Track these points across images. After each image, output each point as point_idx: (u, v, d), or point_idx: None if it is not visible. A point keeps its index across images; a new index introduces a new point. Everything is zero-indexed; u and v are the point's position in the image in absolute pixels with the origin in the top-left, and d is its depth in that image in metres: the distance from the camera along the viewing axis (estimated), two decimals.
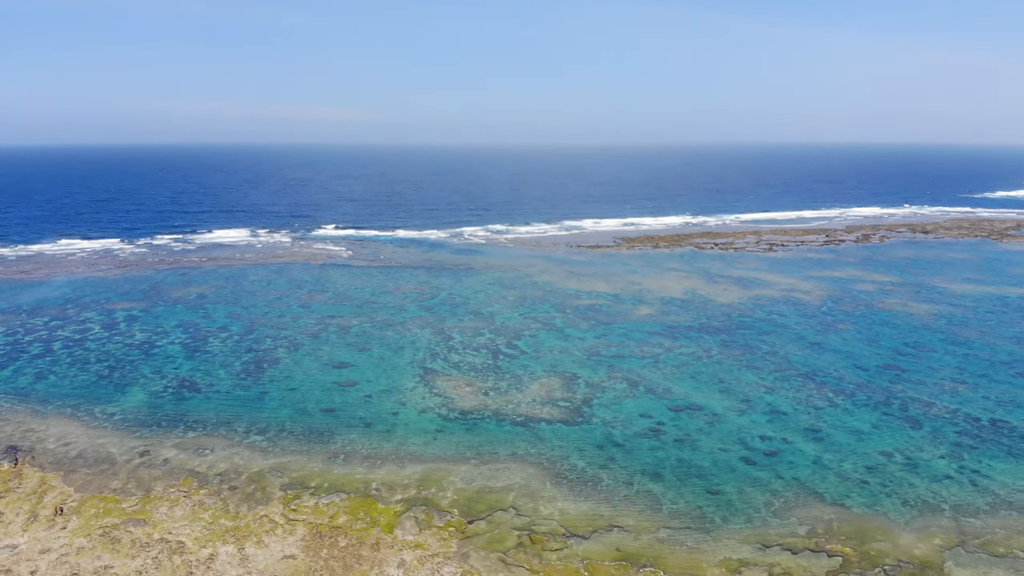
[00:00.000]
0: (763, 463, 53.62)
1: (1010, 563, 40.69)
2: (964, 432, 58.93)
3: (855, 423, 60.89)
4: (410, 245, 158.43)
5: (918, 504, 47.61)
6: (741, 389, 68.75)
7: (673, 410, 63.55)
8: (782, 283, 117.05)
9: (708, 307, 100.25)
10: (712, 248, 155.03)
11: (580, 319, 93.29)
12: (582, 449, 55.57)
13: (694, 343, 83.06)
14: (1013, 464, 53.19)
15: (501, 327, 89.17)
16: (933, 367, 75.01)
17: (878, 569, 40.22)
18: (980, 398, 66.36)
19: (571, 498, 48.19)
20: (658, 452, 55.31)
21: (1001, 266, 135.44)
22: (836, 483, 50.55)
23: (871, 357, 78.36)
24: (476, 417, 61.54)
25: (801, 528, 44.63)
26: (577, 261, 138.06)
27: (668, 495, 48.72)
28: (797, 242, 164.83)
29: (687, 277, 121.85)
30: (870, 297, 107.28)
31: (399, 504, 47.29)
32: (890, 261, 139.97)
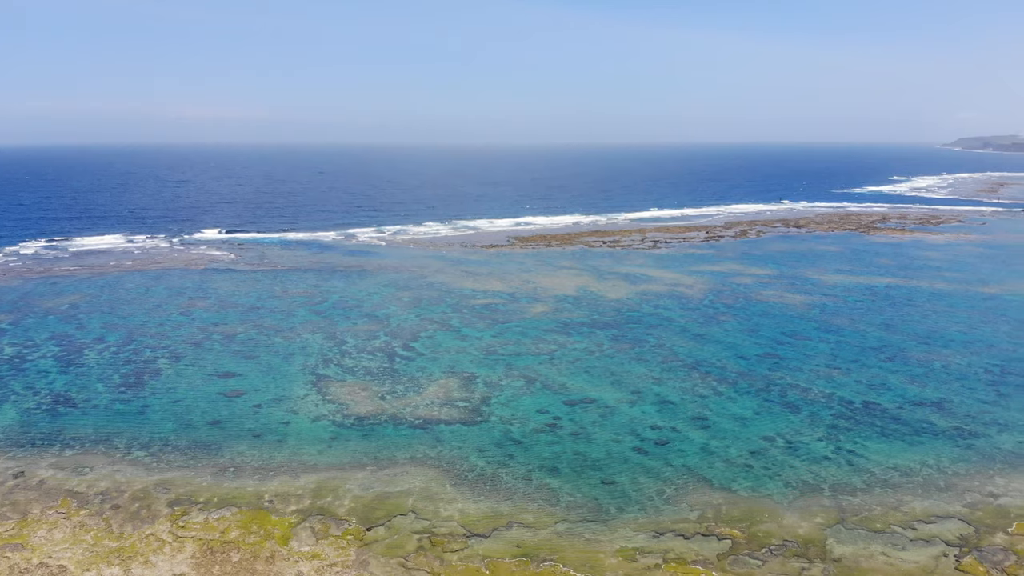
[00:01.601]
0: (654, 452, 55.65)
1: (887, 538, 43.87)
2: (839, 415, 63.07)
3: (738, 410, 64.08)
4: (298, 247, 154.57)
5: (799, 485, 50.62)
6: (632, 381, 71.03)
7: (568, 404, 64.97)
8: (667, 278, 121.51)
9: (599, 303, 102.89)
10: (601, 246, 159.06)
11: (476, 318, 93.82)
12: (481, 448, 56.01)
13: (587, 338, 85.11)
14: (885, 444, 57.34)
15: (396, 329, 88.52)
16: (809, 354, 79.82)
17: (765, 549, 42.54)
18: (853, 382, 71.14)
19: (471, 498, 48.51)
20: (555, 447, 56.45)
21: (868, 257, 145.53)
22: (723, 468, 53.08)
23: (751, 347, 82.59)
24: (372, 422, 60.89)
25: (692, 514, 46.63)
26: (472, 261, 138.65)
27: (566, 488, 49.83)
28: (680, 239, 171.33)
29: (579, 275, 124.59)
30: (748, 290, 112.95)
31: (294, 515, 46.27)
32: (766, 255, 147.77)
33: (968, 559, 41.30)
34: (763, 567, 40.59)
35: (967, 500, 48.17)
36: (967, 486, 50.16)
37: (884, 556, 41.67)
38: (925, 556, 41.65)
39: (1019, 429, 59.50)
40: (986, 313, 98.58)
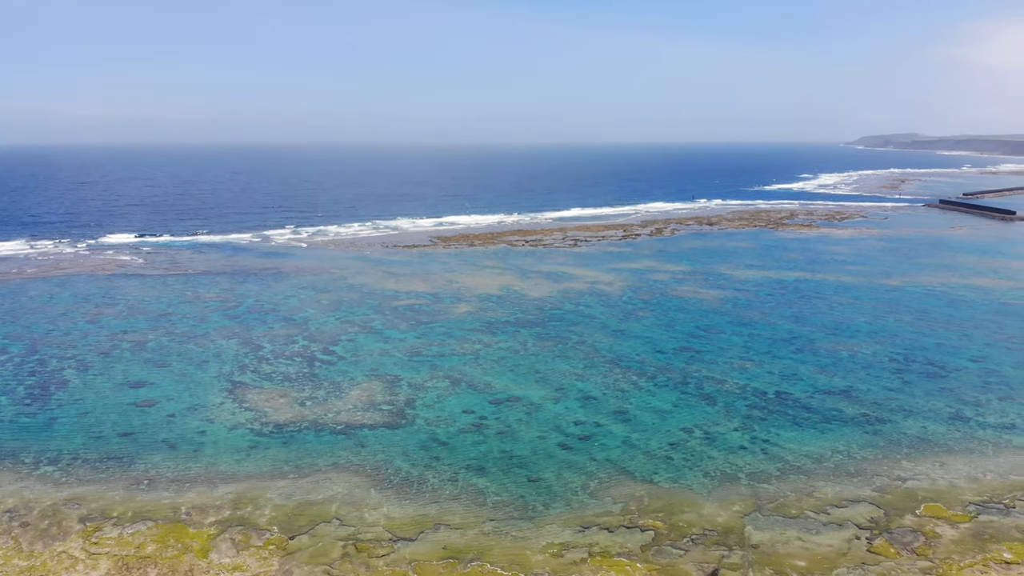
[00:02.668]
0: (578, 447, 56.29)
1: (802, 523, 45.54)
2: (753, 405, 65.19)
3: (658, 403, 65.48)
4: (210, 250, 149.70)
5: (717, 475, 52.06)
6: (555, 378, 71.67)
7: (494, 403, 65.03)
8: (587, 276, 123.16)
9: (522, 302, 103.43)
10: (524, 245, 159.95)
11: (399, 320, 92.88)
12: (406, 451, 55.46)
13: (511, 337, 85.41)
14: (798, 432, 59.55)
15: (316, 333, 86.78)
16: (723, 347, 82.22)
17: (686, 539, 43.56)
18: (765, 373, 73.65)
19: (396, 502, 47.97)
20: (481, 446, 56.41)
21: (778, 252, 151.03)
22: (644, 461, 54.12)
23: (668, 341, 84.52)
24: (293, 429, 59.48)
25: (616, 507, 47.36)
26: (394, 261, 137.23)
27: (492, 488, 49.84)
28: (599, 237, 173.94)
29: (502, 274, 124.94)
30: (665, 286, 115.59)
31: (213, 527, 44.77)
32: (681, 252, 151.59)
33: (879, 541, 43.29)
34: (685, 556, 41.56)
35: (876, 484, 50.51)
36: (876, 470, 52.60)
37: (800, 541, 43.27)
38: (838, 539, 43.45)
39: (923, 415, 62.79)
40: (889, 304, 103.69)
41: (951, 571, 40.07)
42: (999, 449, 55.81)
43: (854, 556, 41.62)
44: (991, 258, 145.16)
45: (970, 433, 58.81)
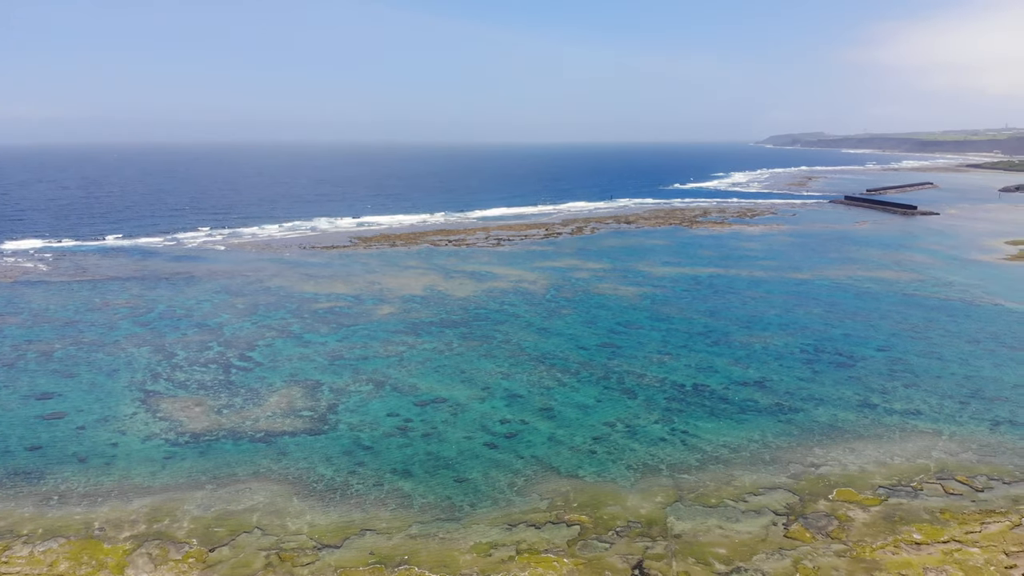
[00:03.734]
0: (504, 446, 56.44)
1: (721, 511, 46.86)
2: (672, 398, 66.74)
3: (581, 399, 66.31)
4: (119, 254, 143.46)
5: (640, 467, 53.07)
6: (481, 378, 71.67)
7: (419, 405, 64.53)
8: (511, 275, 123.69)
9: (447, 302, 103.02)
10: (447, 245, 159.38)
11: (319, 323, 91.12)
12: (329, 458, 54.44)
13: (436, 338, 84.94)
14: (715, 423, 61.26)
15: (232, 338, 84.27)
16: (643, 342, 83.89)
17: (611, 532, 44.24)
18: (683, 367, 75.50)
19: (320, 509, 47.05)
20: (407, 449, 55.88)
21: (692, 249, 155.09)
22: (569, 456, 54.70)
23: (591, 337, 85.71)
24: (210, 438, 57.58)
25: (542, 503, 47.70)
26: (312, 263, 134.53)
27: (419, 490, 49.46)
28: (522, 236, 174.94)
29: (425, 274, 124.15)
30: (586, 283, 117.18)
31: (128, 542, 42.92)
32: (601, 250, 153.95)
33: (795, 526, 44.95)
34: (610, 549, 42.19)
35: (791, 471, 52.44)
36: (790, 458, 54.61)
37: (720, 529, 44.53)
38: (756, 526, 44.92)
39: (833, 403, 65.55)
40: (799, 297, 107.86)
41: (864, 553, 41.94)
42: (906, 434, 58.77)
43: (772, 542, 43.10)
44: (894, 251, 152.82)
45: (878, 419, 61.74)
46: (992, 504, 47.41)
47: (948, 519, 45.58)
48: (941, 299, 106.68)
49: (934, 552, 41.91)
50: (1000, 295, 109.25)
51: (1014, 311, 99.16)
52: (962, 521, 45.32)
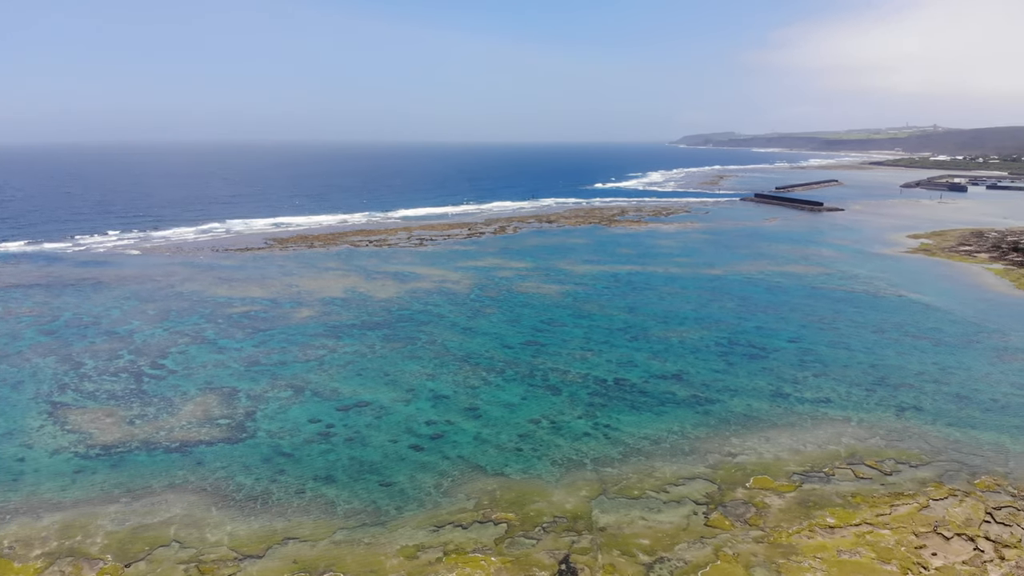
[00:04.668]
0: (430, 447, 56.08)
1: (644, 503, 47.77)
2: (595, 393, 67.68)
3: (507, 397, 66.53)
4: (22, 261, 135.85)
5: (565, 462, 53.61)
6: (405, 379, 71.01)
7: (341, 410, 63.43)
8: (434, 275, 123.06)
9: (368, 304, 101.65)
10: (368, 245, 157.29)
11: (235, 328, 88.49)
12: (248, 466, 52.92)
13: (357, 340, 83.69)
14: (636, 416, 62.43)
15: (143, 346, 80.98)
16: (565, 339, 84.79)
17: (538, 528, 44.53)
18: (605, 362, 76.66)
19: (240, 519, 45.69)
20: (329, 455, 54.85)
21: (611, 248, 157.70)
22: (496, 455, 54.79)
23: (515, 336, 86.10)
24: (122, 450, 55.17)
25: (469, 503, 47.62)
26: (226, 266, 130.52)
27: (342, 496, 48.62)
28: (445, 236, 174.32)
29: (346, 275, 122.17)
30: (510, 282, 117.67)
31: (40, 560, 40.72)
32: (523, 249, 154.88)
33: (715, 515, 46.23)
34: (537, 546, 42.46)
35: (709, 461, 53.92)
36: (708, 448, 56.15)
37: (643, 520, 45.41)
38: (678, 516, 46.00)
39: (747, 393, 67.73)
40: (713, 292, 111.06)
41: (781, 538, 43.49)
42: (817, 422, 61.23)
43: (693, 531, 44.22)
44: (802, 247, 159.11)
45: (790, 408, 64.13)
46: (900, 487, 49.87)
47: (859, 503, 47.71)
48: (847, 291, 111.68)
49: (847, 535, 43.80)
50: (903, 286, 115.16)
51: (916, 301, 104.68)
52: (873, 504, 47.52)
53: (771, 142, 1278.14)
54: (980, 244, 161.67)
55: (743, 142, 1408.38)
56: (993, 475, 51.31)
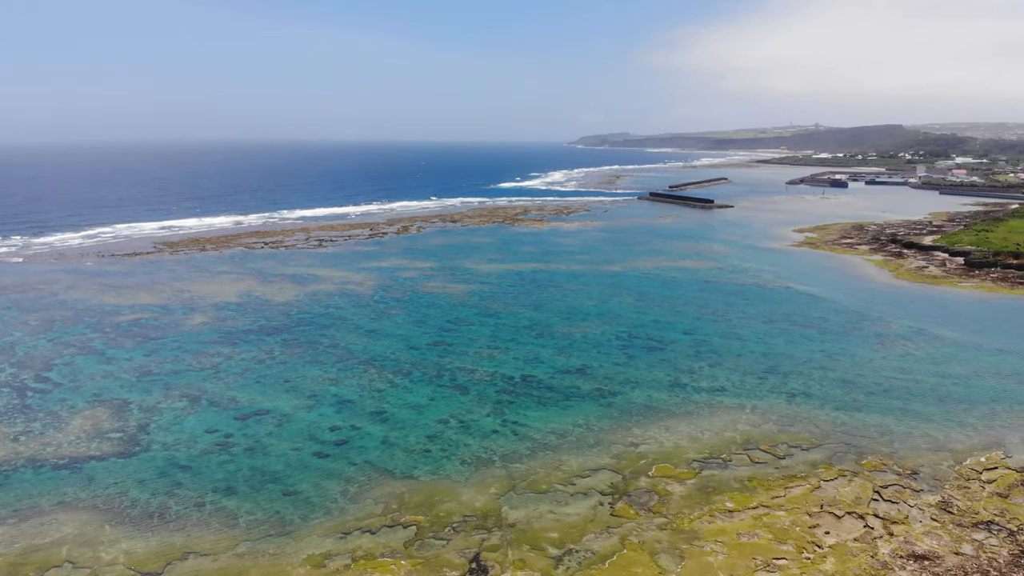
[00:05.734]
0: (335, 454, 55.10)
1: (552, 496, 48.47)
2: (503, 390, 68.18)
3: (414, 398, 66.12)
4: None
5: (474, 461, 53.77)
6: (307, 385, 69.47)
7: (240, 419, 61.46)
8: (335, 277, 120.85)
9: (266, 308, 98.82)
10: (263, 247, 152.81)
11: (124, 337, 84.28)
12: (143, 481, 50.57)
13: (255, 346, 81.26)
14: (543, 411, 63.27)
15: (25, 359, 76.04)
16: (472, 338, 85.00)
17: (448, 528, 44.50)
18: (512, 359, 77.31)
19: (137, 535, 43.63)
20: (228, 466, 53.06)
21: (515, 246, 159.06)
22: (403, 457, 54.38)
23: (421, 336, 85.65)
24: (7, 469, 51.68)
25: (377, 507, 47.09)
26: (113, 272, 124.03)
27: (244, 507, 47.15)
28: (345, 236, 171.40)
29: (240, 279, 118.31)
30: (415, 283, 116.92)
31: None
32: (428, 249, 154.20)
33: (620, 504, 47.44)
34: (448, 546, 42.45)
35: (613, 452, 55.26)
36: (612, 439, 57.53)
37: (552, 514, 46.11)
38: (585, 507, 46.95)
39: (647, 385, 69.76)
40: (613, 288, 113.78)
41: (683, 524, 45.05)
42: (713, 410, 63.71)
43: (600, 521, 45.24)
44: (695, 242, 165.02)
45: (687, 397, 66.48)
46: (793, 470, 52.52)
47: (756, 486, 49.97)
48: (738, 284, 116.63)
49: (745, 518, 45.82)
50: (790, 279, 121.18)
51: (802, 292, 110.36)
52: (768, 487, 49.87)
53: (664, 142, 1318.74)
54: (861, 237, 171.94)
55: (638, 142, 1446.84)
56: (879, 455, 54.75)
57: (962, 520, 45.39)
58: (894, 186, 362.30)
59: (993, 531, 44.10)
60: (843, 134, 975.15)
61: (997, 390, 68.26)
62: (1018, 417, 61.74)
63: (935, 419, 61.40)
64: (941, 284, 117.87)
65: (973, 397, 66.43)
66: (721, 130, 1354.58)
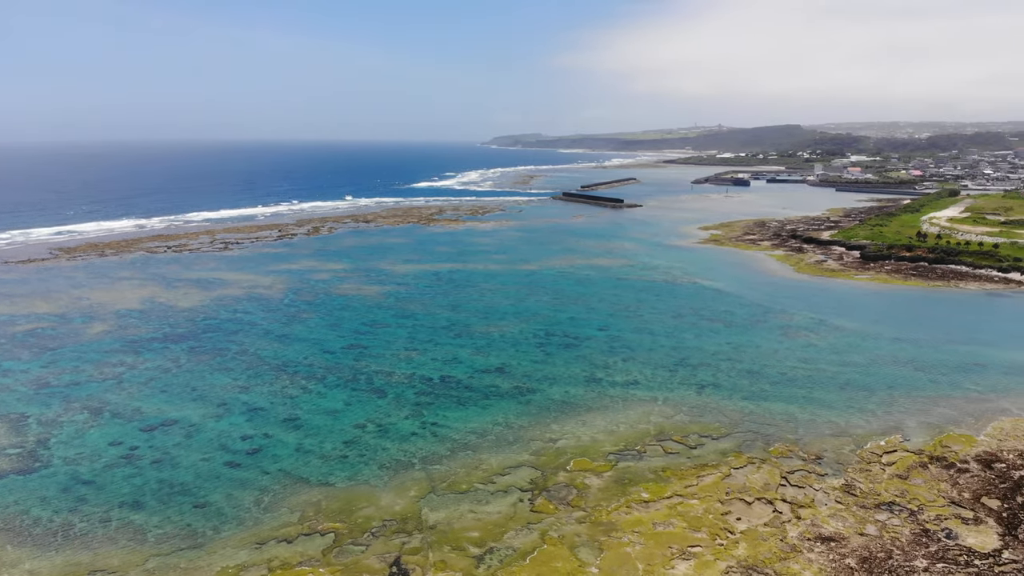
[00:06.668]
0: (247, 463, 53.66)
1: (473, 496, 48.57)
2: (421, 392, 67.84)
3: (329, 404, 65.02)
4: None
5: (393, 465, 53.33)
6: (216, 394, 67.36)
7: (146, 431, 59.08)
8: (243, 280, 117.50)
9: (170, 314, 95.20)
10: (166, 251, 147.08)
11: (19, 348, 79.64)
12: (45, 498, 48.00)
13: (160, 355, 78.21)
14: (462, 411, 63.29)
15: None
16: (389, 340, 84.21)
17: (367, 534, 44.01)
18: (430, 360, 77.00)
19: (41, 555, 41.41)
20: (135, 479, 50.96)
21: (431, 246, 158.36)
22: (319, 464, 53.43)
23: (336, 340, 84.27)
24: None
25: (293, 516, 46.14)
26: (6, 280, 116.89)
27: (153, 521, 45.40)
28: (252, 239, 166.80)
29: (143, 285, 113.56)
30: (327, 285, 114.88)
31: None
32: (340, 250, 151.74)
33: (540, 500, 47.99)
34: (367, 551, 42.01)
35: (532, 448, 55.83)
36: (531, 436, 58.11)
37: (472, 513, 46.24)
38: (505, 505, 47.28)
39: (564, 381, 70.76)
40: (530, 287, 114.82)
41: (601, 516, 45.95)
42: (627, 403, 65.17)
43: (520, 518, 45.67)
44: (607, 241, 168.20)
45: (603, 392, 67.81)
46: (705, 459, 54.30)
47: (670, 476, 51.45)
48: (649, 281, 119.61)
49: (660, 508, 47.12)
50: (697, 274, 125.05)
51: (708, 287, 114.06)
52: (681, 477, 51.42)
53: (575, 143, 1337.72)
54: (763, 233, 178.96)
55: (550, 143, 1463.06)
56: (785, 442, 57.21)
57: (865, 502, 47.95)
58: (793, 184, 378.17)
59: (895, 511, 46.76)
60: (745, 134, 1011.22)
61: (894, 377, 72.35)
62: (914, 402, 65.63)
63: (837, 406, 64.62)
64: (839, 277, 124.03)
65: (872, 384, 70.20)
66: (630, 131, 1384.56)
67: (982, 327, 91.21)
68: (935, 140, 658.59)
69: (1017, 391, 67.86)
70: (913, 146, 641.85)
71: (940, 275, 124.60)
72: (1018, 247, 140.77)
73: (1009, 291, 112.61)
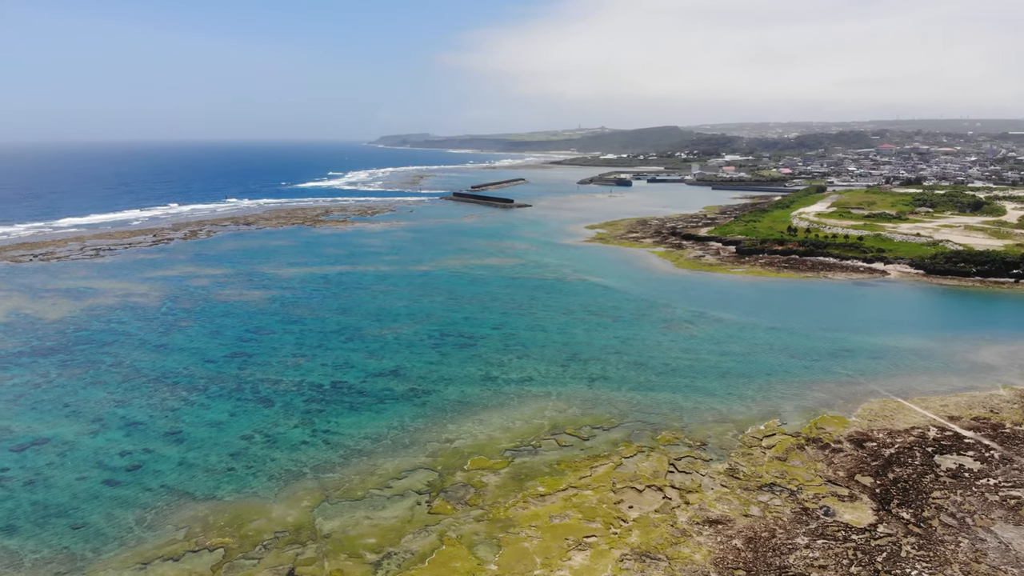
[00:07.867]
0: (127, 480, 50.88)
1: (368, 502, 47.78)
2: (311, 399, 66.17)
3: (213, 415, 62.45)
4: None
5: (283, 475, 51.77)
6: (91, 409, 63.46)
7: (16, 450, 55.01)
8: (116, 289, 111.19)
9: (38, 327, 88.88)
10: (32, 260, 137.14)
11: None
12: None
13: (28, 370, 72.92)
14: (355, 417, 62.17)
15: None
16: (276, 347, 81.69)
17: (259, 547, 42.54)
18: (320, 366, 75.20)
19: None
20: (7, 503, 47.37)
21: (318, 248, 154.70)
22: (205, 478, 51.26)
23: (218, 349, 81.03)
24: None
25: (179, 533, 44.09)
26: None
27: (28, 546, 42.35)
28: (125, 244, 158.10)
29: (7, 296, 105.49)
30: (207, 291, 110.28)
31: None
32: (220, 254, 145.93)
33: (437, 501, 47.79)
34: (259, 564, 40.65)
35: (429, 450, 55.55)
36: (427, 438, 57.80)
37: (368, 520, 45.54)
38: (402, 509, 46.83)
39: (460, 381, 70.77)
40: (423, 288, 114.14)
41: (499, 513, 46.25)
42: (522, 399, 65.90)
43: (418, 521, 45.36)
44: (499, 240, 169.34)
45: (499, 390, 68.30)
46: (597, 450, 55.59)
47: (564, 469, 52.38)
48: (540, 279, 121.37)
49: (556, 501, 47.90)
50: (585, 272, 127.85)
51: (596, 284, 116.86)
52: (575, 469, 52.45)
53: (464, 143, 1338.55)
54: (645, 231, 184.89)
55: (438, 143, 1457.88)
56: (671, 430, 59.35)
57: (748, 484, 50.39)
58: (673, 183, 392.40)
59: (776, 492, 49.35)
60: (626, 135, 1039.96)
61: (771, 364, 76.38)
62: (790, 387, 69.50)
63: (718, 393, 67.62)
64: (717, 271, 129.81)
65: (750, 372, 73.87)
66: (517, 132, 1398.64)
67: (850, 315, 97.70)
68: (803, 139, 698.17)
69: (884, 374, 73.07)
70: (783, 145, 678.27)
71: (810, 267, 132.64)
72: (881, 239, 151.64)
73: (873, 280, 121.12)
